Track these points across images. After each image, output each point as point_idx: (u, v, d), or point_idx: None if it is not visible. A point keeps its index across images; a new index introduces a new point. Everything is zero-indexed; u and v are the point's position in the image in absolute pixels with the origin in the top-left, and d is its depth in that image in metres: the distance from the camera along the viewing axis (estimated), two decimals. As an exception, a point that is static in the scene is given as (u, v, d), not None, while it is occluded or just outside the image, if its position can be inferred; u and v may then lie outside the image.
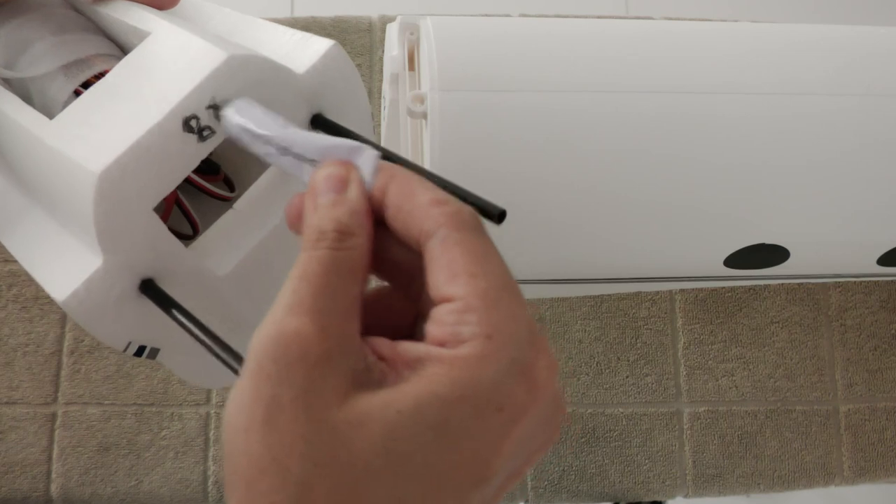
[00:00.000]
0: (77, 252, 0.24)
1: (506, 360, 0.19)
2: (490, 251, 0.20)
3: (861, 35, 0.40)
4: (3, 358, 0.51)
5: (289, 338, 0.18)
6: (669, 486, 0.51)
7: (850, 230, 0.40)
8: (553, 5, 0.70)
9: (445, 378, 0.18)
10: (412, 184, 0.21)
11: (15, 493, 0.49)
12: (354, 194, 0.21)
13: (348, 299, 0.20)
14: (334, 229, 0.20)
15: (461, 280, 0.19)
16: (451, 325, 0.19)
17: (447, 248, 0.20)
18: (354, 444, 0.17)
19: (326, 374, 0.18)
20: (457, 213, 0.20)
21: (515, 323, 0.19)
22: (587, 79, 0.37)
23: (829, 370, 0.53)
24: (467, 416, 0.18)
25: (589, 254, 0.41)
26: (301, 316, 0.18)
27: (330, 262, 0.20)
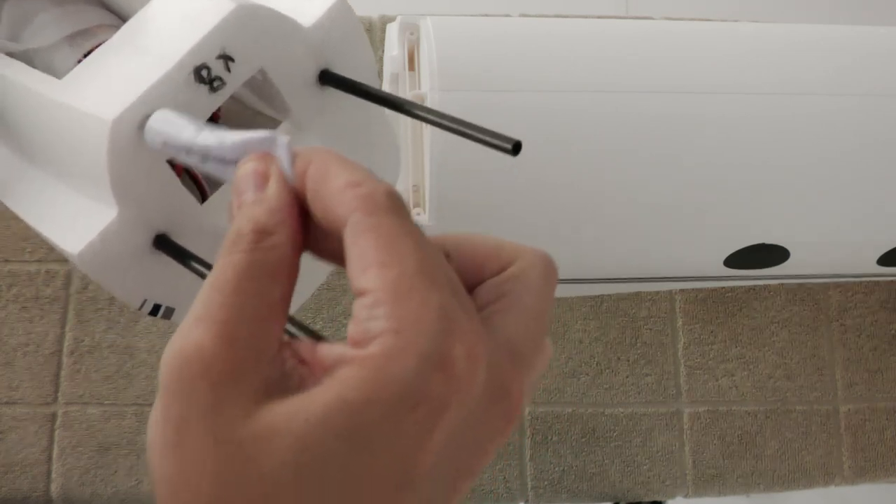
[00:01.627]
0: (90, 209, 0.24)
1: (415, 354, 0.17)
2: (404, 234, 0.19)
3: (861, 35, 0.40)
4: (3, 358, 0.51)
5: (190, 353, 0.18)
6: (669, 486, 0.51)
7: (850, 230, 0.40)
8: (553, 5, 0.70)
9: (354, 381, 0.17)
10: (327, 167, 0.20)
11: (15, 493, 0.49)
12: (274, 189, 0.20)
13: (265, 304, 0.19)
14: (252, 230, 0.19)
15: (372, 271, 0.18)
16: (362, 321, 0.18)
17: (359, 236, 0.19)
18: (262, 459, 0.17)
19: (231, 389, 0.17)
20: (369, 195, 0.19)
21: (426, 312, 0.18)
22: (587, 79, 0.37)
23: (829, 370, 0.53)
24: (379, 419, 0.17)
25: (589, 254, 0.41)
26: (205, 329, 0.18)
27: (244, 266, 0.19)
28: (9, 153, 0.28)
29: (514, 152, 0.20)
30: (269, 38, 0.24)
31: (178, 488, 0.17)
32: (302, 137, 0.27)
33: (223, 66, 0.23)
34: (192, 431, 0.17)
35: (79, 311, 0.51)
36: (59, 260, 0.52)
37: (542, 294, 0.21)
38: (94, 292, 0.52)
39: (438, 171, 0.35)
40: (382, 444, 0.17)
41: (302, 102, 0.26)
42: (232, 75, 0.23)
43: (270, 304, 0.19)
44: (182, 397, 0.17)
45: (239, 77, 0.23)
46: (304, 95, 0.26)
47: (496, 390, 0.19)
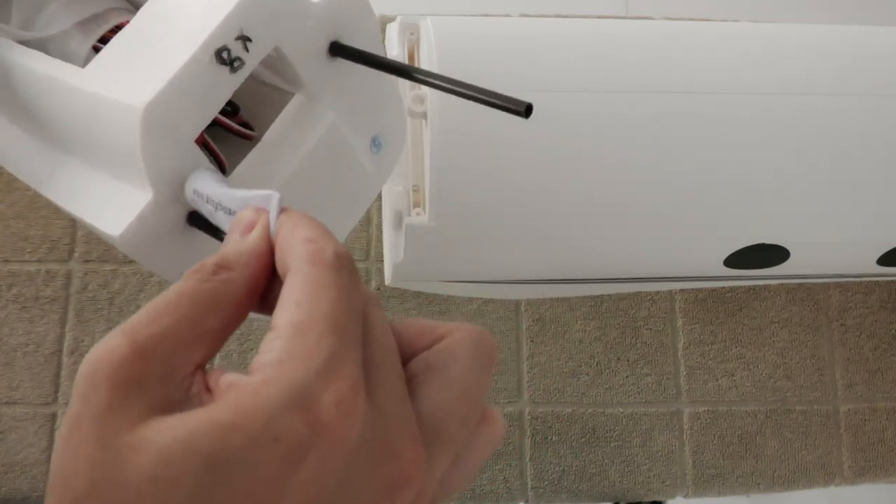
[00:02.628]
0: (124, 192, 0.25)
1: (285, 387, 0.17)
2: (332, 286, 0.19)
3: (861, 35, 0.40)
4: (3, 358, 0.51)
5: (102, 356, 0.18)
6: (669, 486, 0.51)
7: (850, 230, 0.40)
8: (553, 5, 0.70)
9: (228, 404, 0.18)
10: (299, 224, 0.21)
11: (15, 493, 0.49)
12: (253, 234, 0.21)
13: (193, 330, 0.19)
14: (214, 262, 0.20)
15: (287, 310, 0.19)
16: (261, 353, 0.19)
17: (291, 280, 0.20)
18: (129, 467, 0.17)
19: (129, 398, 0.18)
20: (318, 250, 0.20)
21: (312, 351, 0.18)
22: (587, 79, 0.37)
23: (829, 370, 0.53)
24: (240, 445, 0.17)
25: (589, 254, 0.41)
26: (124, 337, 0.18)
27: (191, 292, 0.20)
28: (38, 144, 0.29)
29: (525, 114, 0.21)
30: (282, 16, 0.25)
31: (56, 480, 0.18)
32: (315, 108, 0.27)
33: (242, 46, 0.24)
34: (82, 430, 0.18)
35: (79, 311, 0.51)
36: (59, 260, 0.52)
37: (472, 369, 0.21)
38: (93, 292, 0.52)
39: (438, 171, 0.35)
40: (241, 472, 0.17)
41: (314, 75, 0.27)
42: (250, 55, 0.24)
43: (199, 333, 0.19)
44: (83, 397, 0.18)
45: (257, 56, 0.24)
46: (315, 68, 0.26)
47: (381, 452, 0.19)
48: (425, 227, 0.37)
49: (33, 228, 0.52)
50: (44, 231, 0.52)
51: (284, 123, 0.27)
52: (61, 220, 0.53)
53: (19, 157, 0.29)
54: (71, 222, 0.53)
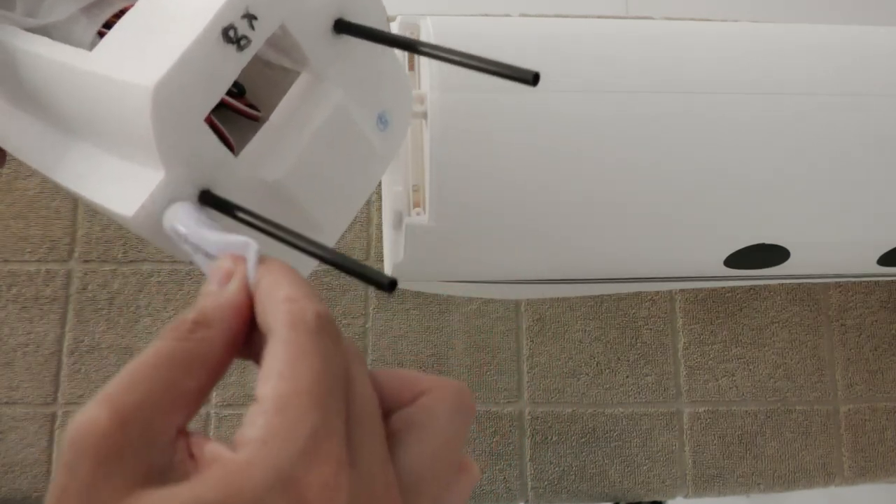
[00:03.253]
0: (135, 173, 0.25)
1: (270, 468, 0.18)
2: (313, 353, 0.19)
3: (861, 35, 0.40)
4: (3, 358, 0.51)
5: (85, 428, 0.18)
6: (669, 486, 0.51)
7: (850, 230, 0.40)
8: (553, 5, 0.70)
9: (214, 482, 0.18)
10: (279, 278, 0.21)
11: (15, 493, 0.49)
12: (231, 287, 0.21)
13: (172, 394, 0.19)
14: (192, 319, 0.20)
15: (269, 381, 0.19)
16: (245, 426, 0.19)
17: (273, 347, 0.20)
18: None
19: (113, 470, 0.18)
20: (299, 311, 0.20)
21: (296, 431, 0.18)
22: (587, 79, 0.36)
23: (829, 370, 0.53)
24: None
25: (589, 254, 0.41)
26: (105, 407, 0.18)
27: (168, 353, 0.20)
28: (46, 128, 0.29)
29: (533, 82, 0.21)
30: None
31: None
32: (321, 86, 0.27)
33: (248, 24, 0.24)
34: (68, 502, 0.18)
35: (79, 311, 0.51)
36: (59, 260, 0.52)
37: (451, 425, 0.21)
38: (93, 292, 0.52)
39: (438, 170, 0.35)
40: None
41: (319, 52, 0.27)
42: (256, 33, 0.24)
43: (179, 396, 0.19)
44: (68, 468, 0.18)
45: (263, 34, 0.24)
46: (321, 45, 0.27)
47: None
48: (425, 227, 0.37)
49: (33, 228, 0.52)
50: (44, 231, 0.52)
51: (291, 103, 0.27)
52: (61, 220, 0.53)
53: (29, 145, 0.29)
54: (71, 222, 0.53)
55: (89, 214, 0.53)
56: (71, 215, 0.53)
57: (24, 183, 0.53)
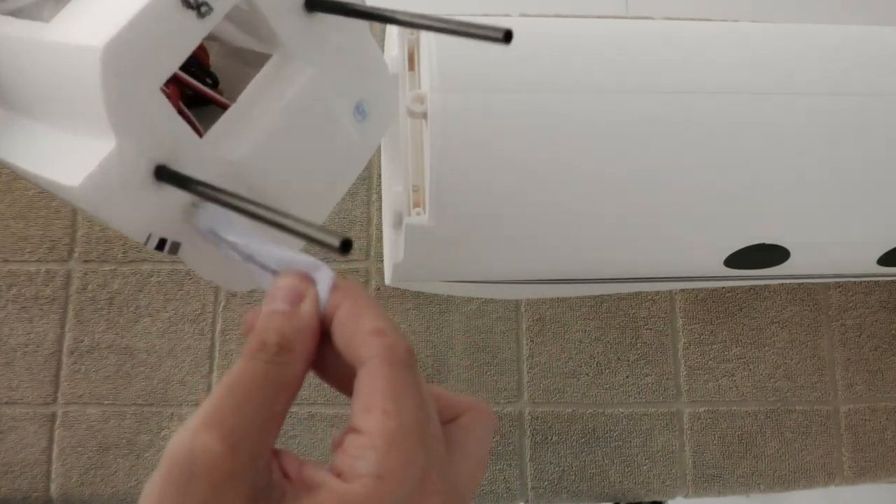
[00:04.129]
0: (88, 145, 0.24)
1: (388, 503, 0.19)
2: (411, 390, 0.21)
3: (861, 35, 0.40)
4: (3, 358, 0.51)
5: (198, 452, 0.19)
6: (669, 486, 0.51)
7: (850, 230, 0.40)
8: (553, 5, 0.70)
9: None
10: (360, 308, 0.22)
11: (15, 493, 0.49)
12: (306, 310, 0.22)
13: (268, 416, 0.21)
14: (276, 343, 0.21)
15: (373, 415, 0.20)
16: (351, 457, 0.20)
17: (371, 380, 0.21)
18: None
19: (227, 492, 0.19)
20: (392, 346, 0.21)
21: (409, 468, 0.20)
22: (587, 79, 0.36)
23: (829, 370, 0.53)
24: None
25: (589, 254, 0.41)
26: (215, 432, 0.20)
27: (261, 376, 0.21)
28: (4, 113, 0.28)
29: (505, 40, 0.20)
30: None
31: None
32: (291, 65, 0.27)
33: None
34: None
35: (78, 311, 0.51)
36: (59, 260, 0.52)
37: (485, 443, 0.24)
38: (93, 292, 0.52)
39: (438, 171, 0.35)
40: None
41: (290, 30, 0.26)
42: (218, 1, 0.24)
43: (272, 416, 0.21)
44: (182, 489, 0.19)
45: (225, 2, 0.24)
46: (291, 23, 0.26)
47: None
48: (425, 227, 0.37)
49: (33, 228, 0.52)
50: (44, 231, 0.52)
51: (261, 83, 0.27)
52: (61, 220, 0.53)
53: None
54: (71, 222, 0.53)
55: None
56: (71, 215, 0.53)
57: (24, 183, 0.53)
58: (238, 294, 0.52)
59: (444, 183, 0.36)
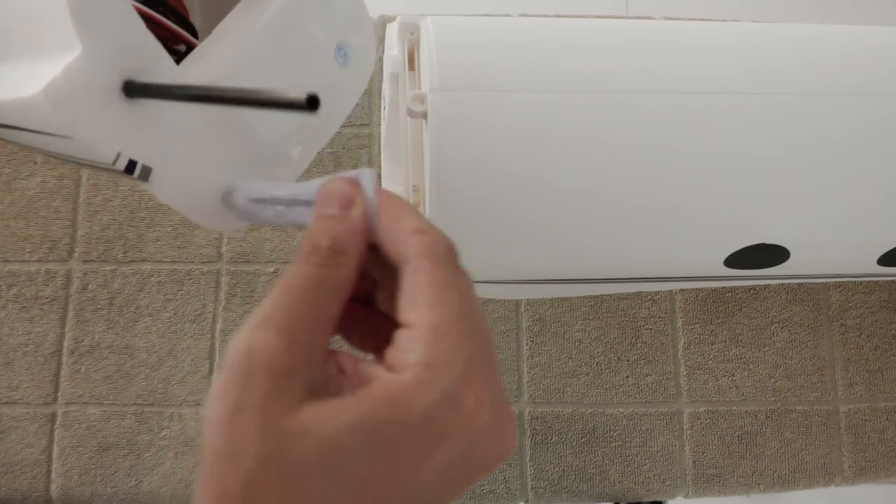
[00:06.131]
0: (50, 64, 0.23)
1: (437, 389, 0.21)
2: (454, 284, 0.22)
3: (861, 35, 0.40)
4: (3, 358, 0.51)
5: (257, 350, 0.20)
6: (669, 486, 0.51)
7: (850, 230, 0.40)
8: (553, 5, 0.70)
9: (382, 400, 0.20)
10: (401, 210, 0.23)
11: (15, 493, 0.49)
12: (358, 213, 0.23)
13: (322, 316, 0.22)
14: (329, 246, 0.22)
15: (419, 309, 0.22)
16: (401, 350, 0.21)
17: (415, 277, 0.22)
18: (297, 448, 0.20)
19: (285, 385, 0.20)
20: (433, 244, 0.22)
21: (455, 357, 0.21)
22: (587, 79, 0.36)
23: (829, 370, 0.53)
24: (398, 435, 0.20)
25: (589, 254, 0.41)
26: (272, 330, 0.21)
27: (315, 278, 0.22)
28: None
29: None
30: None
31: (223, 458, 0.20)
32: None
33: None
34: (247, 413, 0.20)
35: (79, 311, 0.51)
36: (59, 260, 0.52)
37: None
38: (93, 292, 0.52)
39: (438, 171, 0.35)
40: (395, 456, 0.20)
41: None
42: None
43: (327, 316, 0.22)
44: (244, 383, 0.20)
45: None
46: None
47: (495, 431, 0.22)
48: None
49: (33, 228, 0.52)
50: (44, 231, 0.52)
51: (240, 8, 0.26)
52: (61, 220, 0.53)
53: None
54: (71, 222, 0.53)
55: (89, 214, 0.53)
56: (71, 215, 0.53)
57: (24, 183, 0.53)
58: (238, 294, 0.52)
59: (444, 183, 0.36)
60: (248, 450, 0.20)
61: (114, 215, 0.53)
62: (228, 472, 0.20)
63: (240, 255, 0.52)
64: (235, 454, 0.20)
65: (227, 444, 0.20)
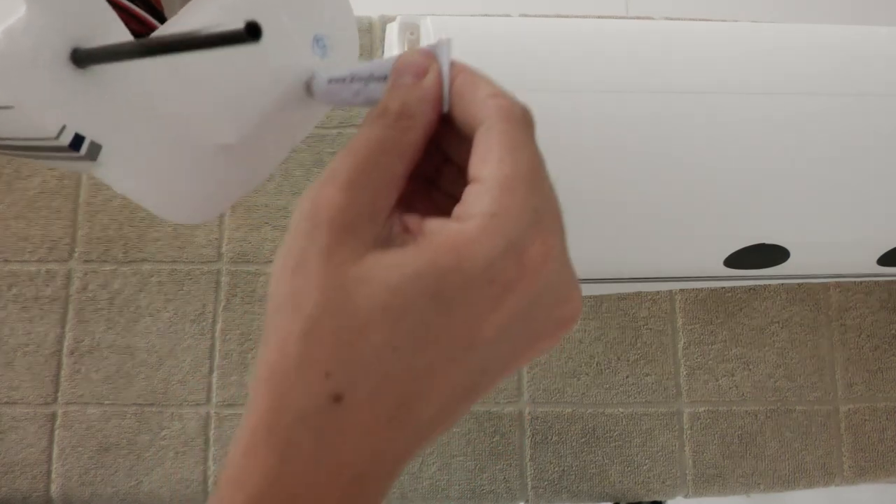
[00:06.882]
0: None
1: (501, 237, 0.20)
2: (526, 144, 0.22)
3: (861, 35, 0.40)
4: (3, 358, 0.51)
5: (321, 204, 0.21)
6: (669, 486, 0.51)
7: (850, 230, 0.40)
8: (553, 5, 0.70)
9: (445, 248, 0.20)
10: (476, 78, 0.23)
11: (15, 493, 0.49)
12: (430, 81, 0.23)
13: (387, 175, 0.22)
14: (397, 110, 0.23)
15: (490, 165, 0.21)
16: (468, 203, 0.21)
17: (489, 136, 0.22)
18: (359, 296, 0.20)
19: (347, 238, 0.21)
20: (509, 107, 0.22)
21: (522, 207, 0.21)
22: (586, 79, 0.37)
23: (829, 370, 0.53)
24: (460, 284, 0.20)
25: (589, 254, 0.41)
26: (336, 186, 0.21)
27: (379, 139, 0.22)
28: None
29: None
30: None
31: (286, 304, 0.20)
32: None
33: None
34: (309, 262, 0.20)
35: (79, 311, 0.51)
36: (60, 260, 0.52)
37: None
38: (93, 292, 0.52)
39: (438, 171, 0.35)
40: (459, 306, 0.20)
41: None
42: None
43: (391, 176, 0.22)
44: (308, 235, 0.21)
45: None
46: None
47: (560, 295, 0.22)
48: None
49: (33, 228, 0.52)
50: (44, 231, 0.52)
51: None
52: (61, 220, 0.53)
53: None
54: (72, 222, 0.53)
55: (89, 214, 0.53)
56: (71, 215, 0.53)
57: (24, 183, 0.53)
58: (238, 294, 0.52)
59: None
60: (310, 296, 0.20)
61: (114, 215, 0.53)
62: (289, 319, 0.20)
63: (240, 256, 0.52)
64: (297, 301, 0.20)
65: (289, 292, 0.20)
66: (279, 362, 0.20)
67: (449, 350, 0.20)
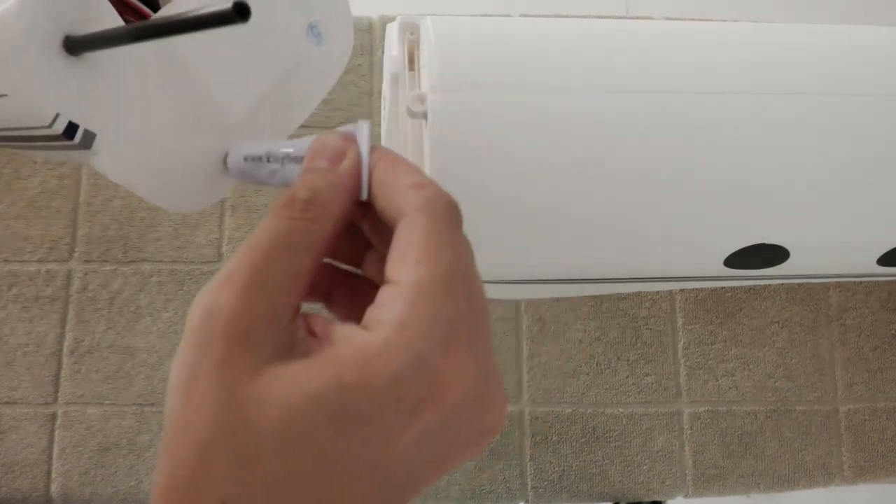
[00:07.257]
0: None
1: (409, 352, 0.19)
2: (449, 243, 0.20)
3: (861, 35, 0.40)
4: (3, 358, 0.51)
5: (215, 311, 0.19)
6: (669, 486, 0.51)
7: (850, 230, 0.40)
8: (553, 5, 0.70)
9: (350, 362, 0.19)
10: (399, 165, 0.22)
11: (15, 493, 0.49)
12: (346, 167, 0.22)
13: (290, 274, 0.20)
14: (305, 198, 0.21)
15: (407, 267, 0.20)
16: (379, 307, 0.19)
17: (409, 233, 0.20)
18: (255, 419, 0.18)
19: (244, 350, 0.19)
20: (432, 199, 0.21)
21: (434, 318, 0.19)
22: (587, 79, 0.37)
23: (829, 370, 0.53)
24: (366, 401, 0.18)
25: (589, 254, 0.41)
26: (232, 291, 0.19)
27: (283, 233, 0.20)
28: None
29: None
30: None
31: (179, 424, 0.19)
32: None
33: None
34: (202, 378, 0.18)
35: (79, 311, 0.51)
36: (60, 260, 0.52)
37: None
38: (93, 292, 0.52)
39: (438, 172, 0.35)
40: (362, 426, 0.18)
41: None
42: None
43: (295, 276, 0.20)
44: (200, 347, 0.19)
45: None
46: None
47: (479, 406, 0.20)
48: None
49: (33, 228, 0.52)
50: (44, 231, 0.52)
51: None
52: (61, 220, 0.53)
53: None
54: (72, 222, 0.53)
55: (90, 214, 0.53)
56: (71, 215, 0.53)
57: (24, 183, 0.53)
58: (238, 294, 0.52)
59: (444, 183, 0.36)
60: (201, 419, 0.18)
61: (114, 215, 0.53)
62: (181, 442, 0.18)
63: (240, 255, 0.52)
64: (188, 423, 0.18)
65: (181, 409, 0.19)
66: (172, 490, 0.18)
67: (353, 471, 0.19)
